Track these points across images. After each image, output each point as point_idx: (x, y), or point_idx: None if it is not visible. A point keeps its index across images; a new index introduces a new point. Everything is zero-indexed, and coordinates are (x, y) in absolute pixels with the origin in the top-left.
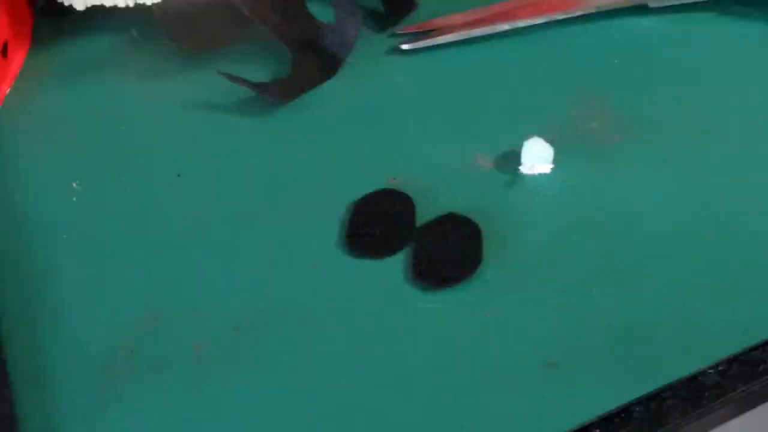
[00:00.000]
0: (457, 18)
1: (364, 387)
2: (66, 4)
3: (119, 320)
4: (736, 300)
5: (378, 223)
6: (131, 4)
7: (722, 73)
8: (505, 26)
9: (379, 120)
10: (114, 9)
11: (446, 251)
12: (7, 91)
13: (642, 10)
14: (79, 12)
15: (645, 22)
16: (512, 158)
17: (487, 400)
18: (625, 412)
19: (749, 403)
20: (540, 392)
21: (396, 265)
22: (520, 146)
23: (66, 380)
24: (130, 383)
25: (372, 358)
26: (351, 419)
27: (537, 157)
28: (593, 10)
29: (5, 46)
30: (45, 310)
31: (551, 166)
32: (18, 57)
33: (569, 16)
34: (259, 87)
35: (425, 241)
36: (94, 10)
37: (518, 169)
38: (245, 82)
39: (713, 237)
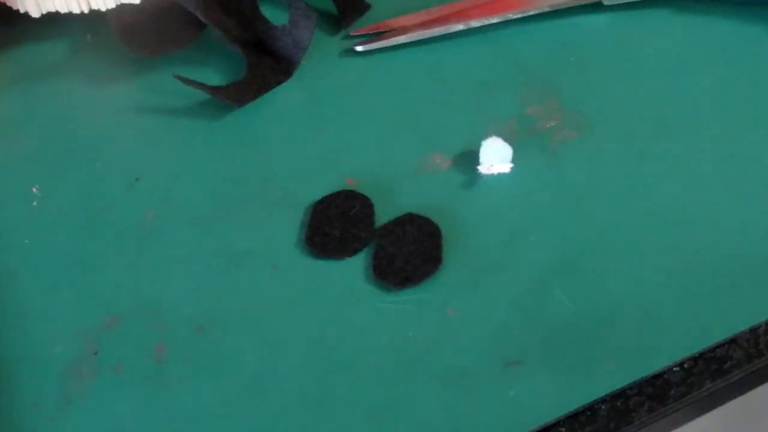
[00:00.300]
0: (411, 18)
1: (325, 386)
2: (21, 10)
3: (82, 322)
4: (701, 297)
5: (337, 224)
6: (86, 10)
7: (678, 70)
8: (459, 26)
9: (336, 121)
10: (69, 15)
11: (406, 251)
12: None
13: (597, 7)
14: (34, 18)
15: (600, 19)
16: (470, 158)
17: (451, 400)
18: (590, 409)
19: (715, 400)
20: (504, 391)
21: (356, 265)
22: (478, 146)
23: (30, 382)
24: (94, 384)
25: (334, 357)
26: (313, 418)
27: (496, 157)
28: (548, 9)
29: None
30: (8, 313)
31: (510, 165)
32: None
33: (524, 15)
34: (214, 90)
35: (385, 242)
36: (49, 16)
37: (477, 169)
38: (201, 85)
39: (675, 233)
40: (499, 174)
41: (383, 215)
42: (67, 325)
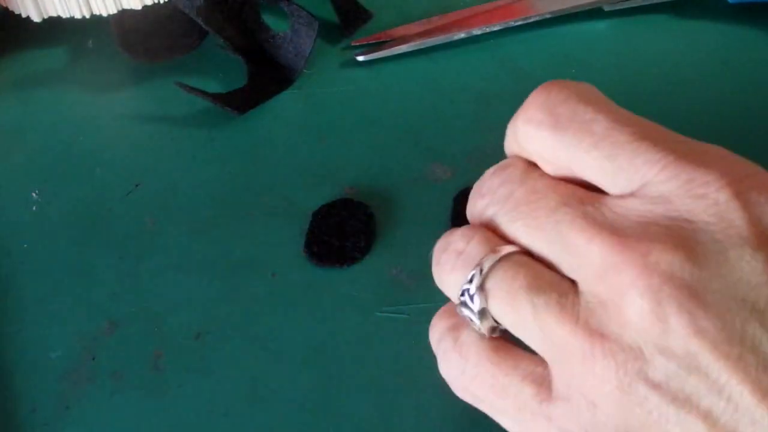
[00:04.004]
0: (413, 27)
1: (323, 395)
2: (23, 15)
3: (80, 328)
4: None
5: (337, 233)
6: (87, 15)
7: (679, 75)
8: (461, 34)
9: (336, 130)
10: (70, 20)
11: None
12: None
13: (597, 14)
14: (35, 23)
15: (601, 25)
16: (472, 168)
17: (448, 410)
18: None
19: None
20: None
21: (355, 274)
22: (478, 155)
23: (28, 387)
24: (92, 390)
25: (332, 366)
26: (310, 427)
27: None
28: (548, 16)
29: None
30: (6, 318)
31: None
32: None
33: (525, 22)
34: (215, 98)
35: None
36: (50, 21)
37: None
38: (201, 92)
39: None
40: None
41: (383, 224)
42: (65, 331)
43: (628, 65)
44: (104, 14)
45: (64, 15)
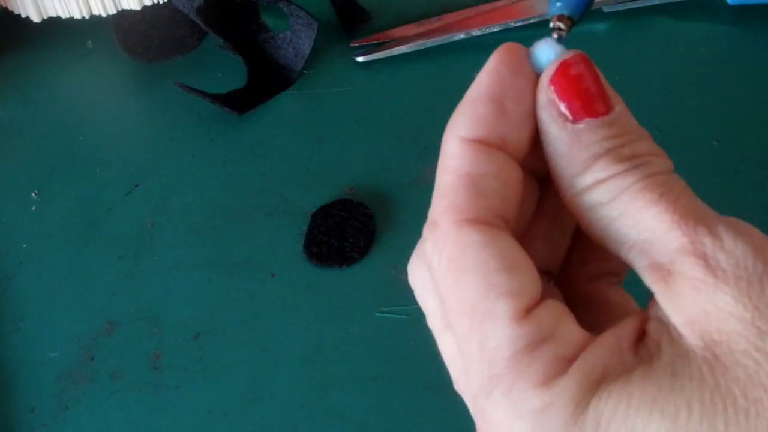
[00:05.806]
0: (412, 28)
1: (322, 395)
2: (23, 15)
3: (79, 328)
4: None
5: (336, 233)
6: (87, 16)
7: (677, 76)
8: (460, 35)
9: (335, 131)
10: (70, 20)
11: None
12: None
13: (597, 15)
14: (35, 23)
15: (600, 27)
16: None
17: (447, 411)
18: None
19: None
20: None
21: (354, 274)
22: None
23: (27, 387)
24: (91, 390)
25: (331, 366)
26: (308, 427)
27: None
28: (548, 17)
29: None
30: (5, 318)
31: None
32: None
33: (525, 23)
34: (214, 98)
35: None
36: (50, 22)
37: None
38: (201, 93)
39: None
40: None
41: (382, 225)
42: (64, 331)
43: (627, 66)
44: (104, 15)
45: (64, 15)
